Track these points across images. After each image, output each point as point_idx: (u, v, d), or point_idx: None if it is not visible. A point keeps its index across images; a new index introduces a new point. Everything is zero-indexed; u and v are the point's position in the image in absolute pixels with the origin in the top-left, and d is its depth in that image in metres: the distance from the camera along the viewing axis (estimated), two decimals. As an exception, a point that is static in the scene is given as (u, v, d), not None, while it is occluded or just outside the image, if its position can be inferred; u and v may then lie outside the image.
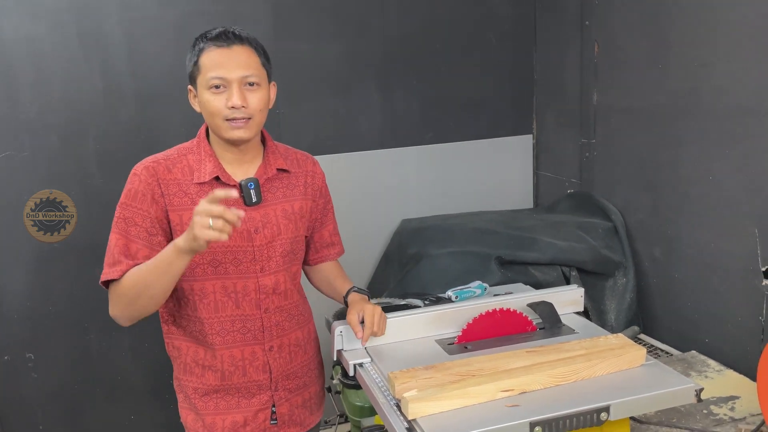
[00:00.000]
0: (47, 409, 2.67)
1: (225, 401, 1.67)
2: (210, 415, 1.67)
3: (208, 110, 1.55)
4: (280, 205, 1.67)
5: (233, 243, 1.59)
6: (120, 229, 1.56)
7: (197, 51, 1.55)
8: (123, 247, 1.54)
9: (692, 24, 2.22)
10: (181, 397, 1.73)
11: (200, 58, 1.54)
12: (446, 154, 3.05)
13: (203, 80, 1.53)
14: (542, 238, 2.53)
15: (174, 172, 1.59)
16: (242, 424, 1.67)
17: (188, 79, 1.60)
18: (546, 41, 3.07)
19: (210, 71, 1.52)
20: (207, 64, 1.53)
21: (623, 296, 2.51)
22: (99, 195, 2.59)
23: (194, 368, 1.67)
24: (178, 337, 1.68)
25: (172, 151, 1.64)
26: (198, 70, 1.54)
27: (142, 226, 1.55)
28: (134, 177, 1.58)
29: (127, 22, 2.54)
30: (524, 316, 1.77)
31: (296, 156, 1.75)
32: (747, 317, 2.10)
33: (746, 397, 1.89)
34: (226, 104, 1.52)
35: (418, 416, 1.34)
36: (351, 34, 2.84)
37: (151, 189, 1.56)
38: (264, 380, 1.69)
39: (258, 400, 1.69)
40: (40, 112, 2.49)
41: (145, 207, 1.55)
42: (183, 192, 1.58)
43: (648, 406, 1.47)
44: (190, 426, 1.70)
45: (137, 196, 1.56)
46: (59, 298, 2.62)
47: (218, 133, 1.57)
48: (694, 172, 2.27)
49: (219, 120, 1.54)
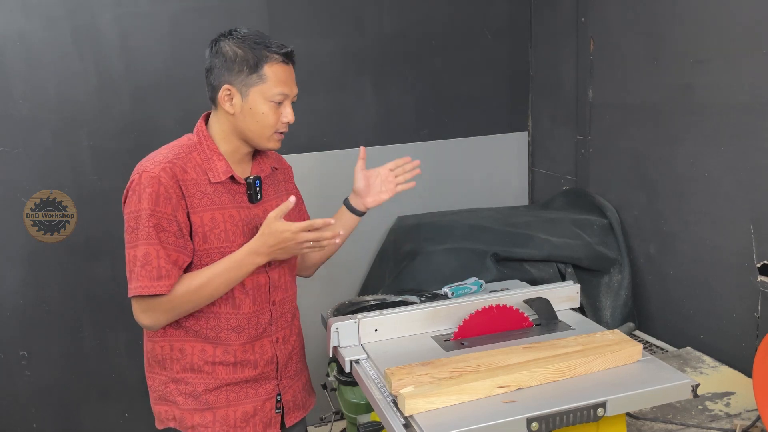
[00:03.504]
0: (41, 407, 2.66)
1: (235, 393, 1.68)
2: (222, 407, 1.67)
3: (264, 122, 1.59)
4: (274, 201, 1.72)
5: (245, 240, 1.61)
6: (152, 238, 1.51)
7: (261, 58, 1.56)
8: (167, 258, 1.52)
9: (687, 20, 2.22)
10: (180, 400, 1.66)
11: (266, 68, 1.57)
12: (441, 150, 3.05)
13: (267, 91, 1.57)
14: (538, 234, 2.53)
15: (189, 172, 1.57)
16: (252, 414, 1.69)
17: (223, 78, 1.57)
18: (541, 38, 3.06)
19: (277, 86, 1.58)
20: (273, 78, 1.58)
21: (618, 293, 2.52)
22: (93, 191, 2.58)
23: (203, 366, 1.65)
24: (179, 339, 1.64)
25: (177, 149, 1.61)
26: (261, 80, 1.57)
27: (172, 231, 1.53)
28: (152, 179, 1.52)
29: (121, 17, 2.53)
30: (520, 313, 1.77)
31: (272, 154, 1.81)
32: (742, 313, 2.10)
33: (741, 392, 1.90)
34: (281, 119, 1.61)
35: (414, 412, 1.34)
36: (346, 30, 2.84)
37: (174, 191, 1.53)
38: (271, 371, 1.72)
39: (265, 390, 1.71)
40: (32, 108, 2.48)
41: (170, 210, 1.53)
42: (201, 192, 1.58)
43: (644, 401, 1.47)
44: (198, 424, 1.65)
45: (159, 199, 1.52)
46: (53, 296, 2.61)
47: (258, 141, 1.63)
48: (689, 168, 2.27)
49: (269, 131, 1.61)
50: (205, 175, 1.59)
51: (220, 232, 1.59)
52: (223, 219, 1.59)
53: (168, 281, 1.51)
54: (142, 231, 1.51)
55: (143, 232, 1.51)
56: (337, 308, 2.02)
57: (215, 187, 1.60)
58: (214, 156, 1.61)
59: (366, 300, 2.09)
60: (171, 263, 1.52)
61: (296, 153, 2.75)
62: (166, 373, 1.67)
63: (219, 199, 1.60)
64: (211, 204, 1.58)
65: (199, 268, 1.59)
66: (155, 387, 1.70)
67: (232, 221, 1.60)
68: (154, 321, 1.56)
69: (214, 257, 1.58)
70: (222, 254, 1.59)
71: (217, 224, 1.58)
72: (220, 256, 1.58)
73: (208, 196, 1.58)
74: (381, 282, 2.71)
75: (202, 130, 1.64)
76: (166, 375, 1.67)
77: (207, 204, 1.58)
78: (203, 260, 1.58)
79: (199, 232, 1.56)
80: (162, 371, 1.67)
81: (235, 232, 1.60)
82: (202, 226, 1.57)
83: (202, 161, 1.60)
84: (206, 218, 1.57)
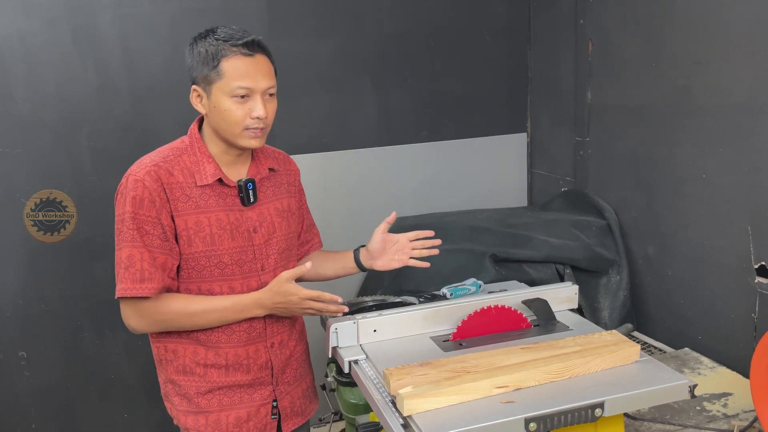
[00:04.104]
0: (40, 408, 2.66)
1: (228, 397, 1.67)
2: (215, 412, 1.66)
3: (229, 119, 1.53)
4: (272, 203, 1.70)
5: (236, 244, 1.60)
6: (136, 241, 1.51)
7: (218, 54, 1.51)
8: (151, 260, 1.52)
9: (686, 22, 2.23)
10: (176, 400, 1.68)
11: (222, 63, 1.51)
12: (441, 152, 3.05)
13: (226, 87, 1.51)
14: (536, 235, 2.53)
15: (175, 175, 1.56)
16: (245, 419, 1.68)
17: (194, 78, 1.56)
18: (540, 39, 3.07)
19: (236, 80, 1.51)
20: (231, 72, 1.51)
21: (617, 294, 2.52)
22: (93, 192, 2.58)
23: (195, 368, 1.65)
24: (172, 341, 1.65)
25: (167, 152, 1.60)
26: (219, 76, 1.51)
27: (156, 234, 1.53)
28: (136, 183, 1.52)
29: (121, 18, 2.53)
30: (519, 313, 1.77)
31: (277, 155, 1.78)
32: (740, 314, 2.11)
33: (739, 393, 1.90)
34: (250, 114, 1.53)
35: (413, 413, 1.34)
36: (345, 31, 2.84)
37: (158, 194, 1.53)
38: (266, 377, 1.70)
39: (260, 395, 1.70)
40: (32, 109, 2.48)
41: (154, 213, 1.53)
42: (186, 196, 1.57)
43: (642, 402, 1.47)
44: (191, 427, 1.67)
45: (143, 203, 1.52)
46: (53, 297, 2.61)
47: (233, 140, 1.57)
48: (687, 169, 2.28)
49: (238, 129, 1.54)
50: (192, 178, 1.58)
51: (206, 236, 1.57)
52: (208, 222, 1.58)
53: (151, 284, 1.52)
54: (126, 234, 1.52)
55: (127, 235, 1.52)
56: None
57: (202, 190, 1.58)
58: (204, 158, 1.60)
59: (365, 300, 2.09)
60: (155, 266, 1.52)
61: (295, 154, 2.75)
62: (164, 374, 1.70)
63: (205, 202, 1.58)
64: (196, 207, 1.57)
65: (186, 272, 1.58)
66: (161, 384, 1.73)
67: (218, 224, 1.59)
68: (138, 324, 1.58)
69: (200, 261, 1.58)
70: (208, 258, 1.58)
71: (202, 228, 1.57)
72: (206, 260, 1.58)
73: (193, 199, 1.57)
74: (380, 283, 2.71)
75: (194, 132, 1.63)
76: (164, 375, 1.70)
77: (191, 207, 1.56)
78: (189, 264, 1.58)
79: (183, 235, 1.56)
80: (163, 371, 1.70)
81: (221, 236, 1.59)
82: (186, 229, 1.56)
83: (192, 164, 1.59)
84: (190, 222, 1.56)
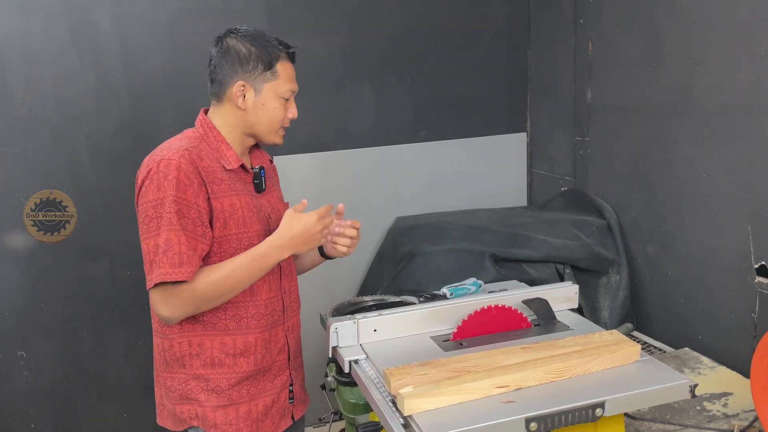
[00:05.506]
0: (39, 407, 2.65)
1: (255, 387, 1.69)
2: (245, 403, 1.67)
3: (274, 116, 1.66)
4: (274, 193, 1.79)
5: (261, 227, 1.66)
6: (174, 225, 1.51)
7: (274, 56, 1.63)
8: (188, 245, 1.51)
9: (685, 22, 2.23)
10: (203, 396, 1.64)
11: (278, 65, 1.64)
12: (440, 151, 3.05)
13: (279, 88, 1.65)
14: (536, 235, 2.53)
15: (205, 160, 1.59)
16: (270, 405, 1.72)
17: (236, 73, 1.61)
18: (540, 39, 3.07)
19: (288, 83, 1.67)
20: (284, 75, 1.66)
21: (616, 293, 2.52)
22: (92, 191, 2.58)
23: (224, 359, 1.64)
24: (197, 334, 1.63)
25: (187, 140, 1.62)
26: (274, 76, 1.64)
27: (191, 218, 1.53)
28: (173, 166, 1.52)
29: (120, 17, 2.53)
30: (519, 313, 1.77)
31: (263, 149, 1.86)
32: (740, 314, 2.11)
33: (739, 393, 1.90)
34: (287, 115, 1.70)
35: (413, 412, 1.34)
36: (345, 31, 2.84)
37: (195, 177, 1.54)
38: (283, 360, 1.75)
39: (280, 381, 1.74)
40: (31, 108, 2.48)
41: (191, 196, 1.53)
42: (219, 179, 1.60)
43: (643, 401, 1.48)
44: (219, 423, 1.64)
45: (180, 185, 1.52)
46: (52, 296, 2.61)
47: (264, 135, 1.69)
48: (687, 169, 2.28)
49: (276, 126, 1.69)
50: (219, 162, 1.62)
51: (239, 218, 1.62)
52: (240, 205, 1.63)
53: (190, 267, 1.51)
54: (164, 218, 1.50)
55: (165, 219, 1.50)
56: (336, 308, 2.02)
57: (230, 174, 1.63)
58: (222, 146, 1.64)
59: (365, 300, 2.09)
60: (191, 250, 1.52)
61: (295, 153, 2.76)
62: (186, 371, 1.65)
63: (234, 185, 1.63)
64: (229, 190, 1.61)
65: (217, 254, 1.59)
66: (175, 387, 1.66)
67: (248, 207, 1.64)
68: (173, 312, 1.53)
69: (232, 243, 1.60)
70: (239, 240, 1.61)
71: (236, 210, 1.61)
72: (237, 242, 1.60)
73: (225, 182, 1.61)
74: (380, 282, 2.71)
75: (207, 122, 1.66)
76: (186, 373, 1.65)
77: (225, 190, 1.60)
78: (222, 246, 1.59)
79: (220, 217, 1.58)
80: (182, 369, 1.65)
81: (251, 218, 1.64)
82: (223, 211, 1.59)
83: (212, 150, 1.63)
84: (226, 204, 1.60)
